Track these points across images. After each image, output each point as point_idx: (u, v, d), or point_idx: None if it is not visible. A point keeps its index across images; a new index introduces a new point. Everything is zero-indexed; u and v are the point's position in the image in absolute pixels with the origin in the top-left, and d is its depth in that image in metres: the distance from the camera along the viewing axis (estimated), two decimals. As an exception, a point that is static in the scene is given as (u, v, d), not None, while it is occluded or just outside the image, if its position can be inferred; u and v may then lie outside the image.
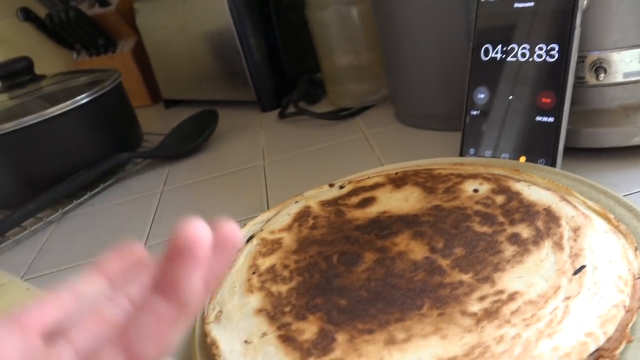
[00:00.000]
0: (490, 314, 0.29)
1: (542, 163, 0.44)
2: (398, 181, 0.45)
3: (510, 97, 0.46)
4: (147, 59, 0.99)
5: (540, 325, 0.27)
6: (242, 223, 0.52)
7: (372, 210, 0.42)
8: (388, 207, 0.42)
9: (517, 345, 0.26)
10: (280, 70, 0.84)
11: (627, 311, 0.27)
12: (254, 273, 0.38)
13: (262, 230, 0.43)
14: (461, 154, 0.50)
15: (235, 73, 0.83)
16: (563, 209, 0.36)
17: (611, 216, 0.35)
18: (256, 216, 0.47)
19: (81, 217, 0.66)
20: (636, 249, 0.32)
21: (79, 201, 0.68)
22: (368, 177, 0.47)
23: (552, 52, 0.43)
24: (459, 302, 0.31)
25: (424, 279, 0.33)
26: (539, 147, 0.44)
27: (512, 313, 0.29)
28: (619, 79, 0.46)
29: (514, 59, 0.45)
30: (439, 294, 0.32)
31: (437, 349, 0.28)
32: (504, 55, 0.46)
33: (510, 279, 0.31)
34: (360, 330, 0.31)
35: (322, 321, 0.32)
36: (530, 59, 0.44)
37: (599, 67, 0.45)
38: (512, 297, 0.30)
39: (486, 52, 0.47)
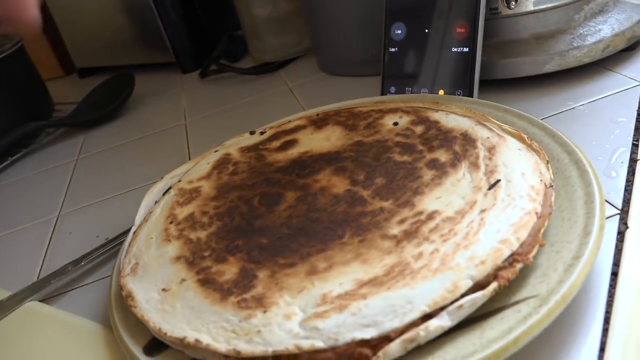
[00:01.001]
0: (409, 234, 0.29)
1: (459, 94, 0.44)
2: (319, 122, 0.44)
3: (427, 31, 0.45)
4: (54, 26, 0.92)
5: (457, 238, 0.27)
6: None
7: (294, 152, 0.41)
8: (309, 148, 0.41)
9: (435, 260, 0.26)
10: (198, 28, 0.80)
11: (539, 217, 0.28)
12: (171, 223, 0.36)
13: (179, 182, 0.41)
14: (382, 93, 0.49)
15: (151, 34, 0.79)
16: (479, 132, 0.36)
17: (524, 136, 0.36)
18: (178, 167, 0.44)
19: (-11, 194, 0.61)
20: (548, 162, 0.33)
21: (-15, 177, 0.62)
22: (289, 122, 0.46)
23: (463, -20, 0.43)
24: (379, 228, 0.30)
25: (346, 210, 0.33)
26: (456, 79, 0.44)
27: (431, 231, 0.28)
28: (530, 7, 0.46)
29: (427, -9, 0.45)
30: (359, 223, 0.31)
31: (357, 273, 0.27)
32: (417, -12, 0.45)
33: (429, 201, 0.31)
34: (281, 265, 0.29)
35: (243, 261, 0.31)
36: (443, -11, 0.44)
37: (510, -4, 0.45)
38: (430, 216, 0.30)
39: (400, -14, 0.46)
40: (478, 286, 0.25)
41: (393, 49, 0.47)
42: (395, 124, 0.40)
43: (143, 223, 0.37)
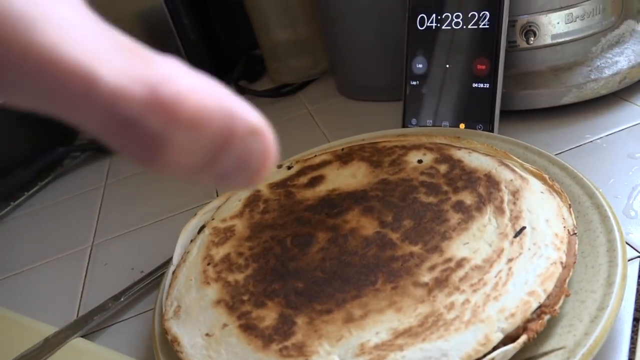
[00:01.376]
0: (440, 282, 0.30)
1: (480, 128, 0.46)
2: (345, 157, 0.46)
3: (448, 66, 0.47)
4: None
5: (487, 289, 0.29)
6: (192, 212, 0.51)
7: (322, 189, 0.43)
8: (337, 185, 0.43)
9: (466, 311, 0.28)
10: (217, 49, 0.82)
11: (564, 267, 0.29)
12: (209, 264, 0.38)
13: (213, 219, 0.43)
14: (404, 125, 0.50)
15: (170, 55, 0.80)
16: (502, 173, 0.37)
17: (546, 176, 0.37)
18: (206, 204, 0.46)
19: (20, 220, 0.63)
20: (570, 206, 0.34)
21: (16, 203, 0.65)
22: (315, 156, 0.48)
23: (484, 19, 0.44)
24: (410, 274, 0.32)
25: (377, 254, 0.34)
26: (477, 114, 0.46)
27: (461, 280, 0.30)
28: (548, 41, 0.47)
29: (449, 27, 0.46)
30: (391, 268, 0.33)
31: (392, 322, 0.29)
32: (438, 24, 0.47)
33: (457, 247, 0.33)
34: (318, 312, 0.31)
35: (281, 306, 0.32)
36: (464, 27, 0.45)
37: (529, 31, 0.47)
38: (459, 264, 0.31)
39: (422, 22, 0.47)
40: (508, 338, 0.27)
41: (414, 82, 0.49)
42: (420, 161, 0.42)
43: (181, 263, 0.39)
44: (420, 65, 0.48)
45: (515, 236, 0.32)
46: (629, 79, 0.47)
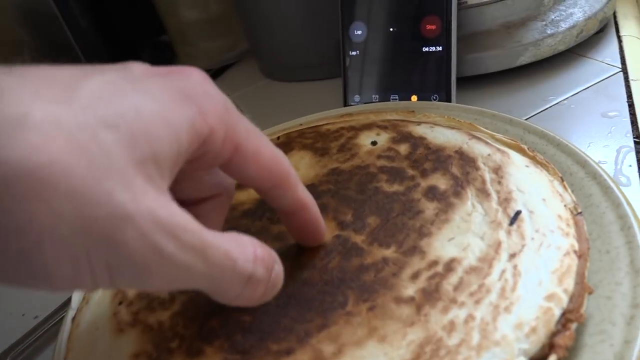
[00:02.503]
0: (430, 294, 0.23)
1: (435, 99, 0.40)
2: (282, 147, 0.37)
3: (392, 29, 0.40)
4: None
5: (492, 297, 0.22)
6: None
7: (259, 189, 0.34)
8: (277, 181, 0.35)
9: (473, 331, 0.21)
10: (115, 36, 0.70)
11: (580, 257, 0.23)
12: (120, 303, 0.29)
13: (123, 241, 0.33)
14: (346, 103, 0.43)
15: (60, 47, 0.68)
16: (476, 148, 0.31)
17: (524, 146, 0.31)
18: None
19: None
20: (562, 180, 0.28)
21: None
22: (245, 148, 0.39)
23: (429, -30, 0.37)
24: (389, 288, 0.25)
25: (340, 265, 0.27)
26: (431, 82, 0.39)
27: (456, 288, 0.23)
28: (497, -6, 0.42)
29: (388, -16, 0.39)
30: (362, 282, 0.25)
31: (378, 358, 0.22)
32: (375, -19, 0.40)
33: (440, 244, 0.26)
34: (276, 354, 0.23)
35: (224, 351, 0.24)
36: (406, -18, 0.39)
37: (477, -16, 0.41)
38: (449, 267, 0.24)
39: (355, -20, 0.40)
40: (533, 362, 0.20)
41: (354, 53, 0.42)
42: (374, 143, 0.35)
43: (83, 305, 0.30)
44: (359, 32, 0.41)
45: (511, 223, 0.25)
46: (586, 32, 0.43)
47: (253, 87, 0.58)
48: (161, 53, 0.69)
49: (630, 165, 0.32)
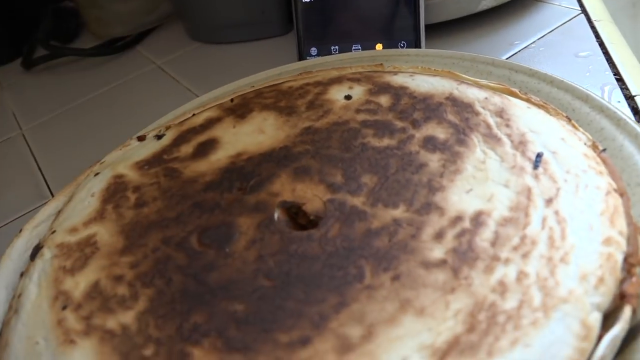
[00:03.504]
0: (463, 254, 0.20)
1: (403, 46, 0.36)
2: (239, 109, 0.32)
3: (350, -30, 0.35)
4: None
5: (541, 249, 0.19)
6: (13, 228, 0.34)
7: (219, 157, 0.29)
8: (240, 147, 0.29)
9: (530, 290, 0.18)
10: (7, 3, 0.59)
11: (621, 195, 0.21)
12: (64, 308, 0.22)
13: (54, 232, 0.27)
14: (301, 57, 0.38)
15: None
16: (469, 92, 0.28)
17: (515, 89, 0.29)
18: (34, 211, 0.30)
19: None
20: (569, 118, 0.26)
21: None
22: (193, 115, 0.33)
23: None
24: (410, 252, 0.21)
25: (343, 233, 0.22)
26: (397, 28, 0.36)
27: (493, 244, 0.20)
28: None
29: None
30: (375, 248, 0.21)
31: (421, 335, 0.18)
32: None
33: (458, 198, 0.22)
34: (287, 346, 0.19)
35: (218, 351, 0.19)
36: None
37: None
38: (477, 221, 0.21)
39: None
40: (605, 317, 0.17)
41: None
42: (348, 97, 0.31)
43: (11, 316, 0.23)
44: (313, -25, 0.36)
45: (536, 167, 0.22)
46: (543, -25, 0.41)
47: (181, 52, 0.51)
48: (63, 21, 0.59)
49: (619, 101, 0.31)
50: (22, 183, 0.39)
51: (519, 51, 0.37)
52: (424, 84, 0.30)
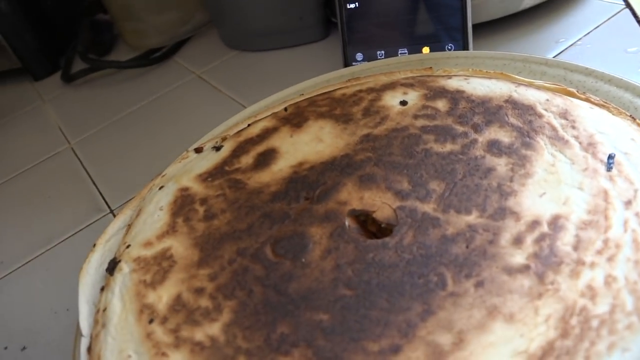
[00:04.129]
0: (546, 259, 0.20)
1: (451, 49, 0.36)
2: (294, 119, 0.33)
3: (396, -25, 0.36)
4: None
5: (627, 252, 0.19)
6: (86, 243, 0.35)
7: (281, 167, 0.30)
8: (301, 157, 0.30)
9: (621, 293, 0.18)
10: (43, 18, 0.61)
11: (700, 195, 0.21)
12: (151, 321, 0.23)
13: (128, 247, 0.27)
14: (346, 64, 0.39)
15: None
16: (529, 94, 0.28)
17: (573, 90, 0.29)
18: (94, 223, 0.31)
19: None
20: (633, 118, 0.26)
21: None
22: (248, 125, 0.34)
23: None
24: (490, 258, 0.21)
25: (419, 240, 0.23)
26: (444, 31, 0.36)
27: (576, 248, 0.20)
28: None
29: None
30: (453, 255, 0.22)
31: (514, 341, 0.18)
32: None
33: (532, 202, 0.23)
34: (378, 355, 0.19)
35: (310, 361, 0.20)
36: None
37: None
38: (556, 225, 0.21)
39: None
40: (699, 319, 0.17)
41: (352, 5, 0.37)
42: (403, 103, 0.31)
43: (99, 330, 0.24)
44: (358, -19, 0.37)
45: (609, 169, 0.23)
46: (584, -30, 0.41)
47: (219, 61, 0.52)
48: (100, 34, 0.61)
49: (677, 99, 0.30)
50: (77, 197, 0.40)
51: (566, 49, 0.37)
52: (480, 87, 0.30)
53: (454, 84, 0.31)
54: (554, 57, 0.37)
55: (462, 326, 0.19)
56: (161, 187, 0.31)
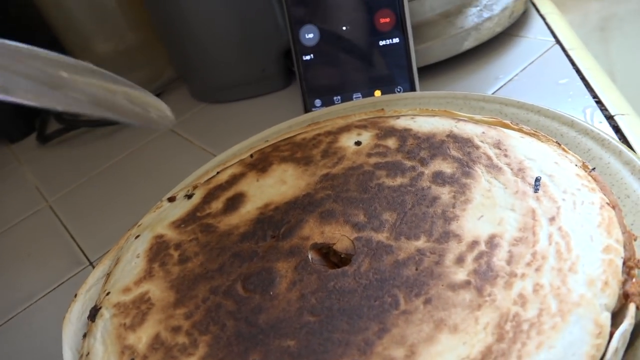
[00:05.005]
0: (484, 274, 0.23)
1: (399, 91, 0.39)
2: (259, 164, 0.35)
3: (344, 28, 0.39)
4: None
5: (551, 262, 0.22)
6: (60, 295, 0.36)
7: (249, 209, 0.32)
8: (266, 199, 0.32)
9: (547, 299, 0.21)
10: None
11: (613, 207, 0.24)
12: (132, 361, 0.25)
13: (108, 294, 0.29)
14: (306, 110, 0.42)
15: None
16: (467, 129, 0.31)
17: (507, 121, 0.32)
18: (75, 276, 0.32)
19: None
20: (558, 143, 0.29)
21: None
22: (217, 173, 0.37)
23: (376, -35, 0.38)
24: (437, 277, 0.23)
25: (374, 267, 0.25)
26: (392, 74, 0.39)
27: (509, 262, 0.23)
28: (434, -15, 0.43)
29: (335, -16, 0.39)
30: (405, 277, 0.24)
31: (458, 349, 0.20)
32: (322, -17, 0.39)
33: (472, 225, 0.25)
34: (341, 372, 0.21)
35: (280, 384, 0.22)
36: (354, -21, 0.38)
37: (415, -23, 0.41)
38: (492, 243, 0.24)
39: (300, -16, 0.39)
40: (613, 316, 0.20)
41: (307, 57, 0.41)
42: (358, 143, 0.34)
43: (82, 375, 0.25)
44: (311, 35, 0.40)
45: (536, 190, 0.25)
46: (516, 13, 0.45)
47: (189, 113, 0.54)
48: (73, 94, 0.63)
49: (600, 122, 0.34)
50: (57, 252, 0.42)
51: (504, 84, 0.41)
52: (425, 124, 0.33)
53: (402, 123, 0.34)
54: (494, 92, 0.41)
55: (414, 340, 0.21)
56: (137, 236, 0.33)
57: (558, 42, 0.43)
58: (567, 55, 0.41)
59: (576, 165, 0.27)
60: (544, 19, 0.47)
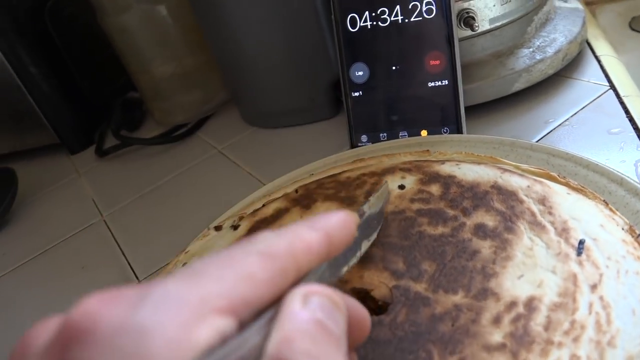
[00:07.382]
0: (520, 338, 0.23)
1: (446, 132, 0.40)
2: (304, 200, 0.36)
3: (394, 68, 0.40)
4: None
5: (590, 333, 0.22)
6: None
7: (291, 245, 0.33)
8: (309, 235, 0.33)
9: (583, 373, 0.20)
10: (79, 97, 0.67)
11: (659, 280, 0.23)
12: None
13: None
14: (352, 145, 0.43)
15: (22, 114, 0.64)
16: (512, 181, 0.31)
17: (554, 174, 0.32)
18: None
19: None
20: (606, 203, 0.29)
21: None
22: (263, 205, 0.38)
23: (428, 7, 0.38)
24: (472, 336, 0.24)
25: (410, 318, 0.26)
26: (440, 115, 0.40)
27: (546, 328, 0.23)
28: (486, 26, 0.43)
29: (387, 24, 0.40)
30: (440, 333, 0.24)
31: (490, 416, 0.20)
32: (374, 22, 0.40)
33: (512, 284, 0.25)
34: None
35: None
36: (406, 20, 0.39)
37: (468, 17, 0.42)
38: (530, 306, 0.24)
39: (353, 23, 0.40)
40: (652, 397, 0.20)
41: (356, 93, 0.41)
42: (402, 187, 0.34)
43: None
44: (361, 73, 0.41)
45: (579, 254, 0.25)
46: (570, 55, 0.45)
47: (239, 137, 0.56)
48: (131, 111, 0.66)
49: (653, 179, 0.33)
50: (109, 267, 0.44)
51: (554, 129, 0.41)
52: (470, 172, 0.33)
53: (446, 169, 0.34)
54: (543, 136, 0.40)
55: (446, 401, 0.22)
56: (184, 264, 0.34)
57: (612, 87, 0.43)
58: (621, 102, 0.41)
59: (622, 228, 0.26)
60: (599, 61, 0.46)
